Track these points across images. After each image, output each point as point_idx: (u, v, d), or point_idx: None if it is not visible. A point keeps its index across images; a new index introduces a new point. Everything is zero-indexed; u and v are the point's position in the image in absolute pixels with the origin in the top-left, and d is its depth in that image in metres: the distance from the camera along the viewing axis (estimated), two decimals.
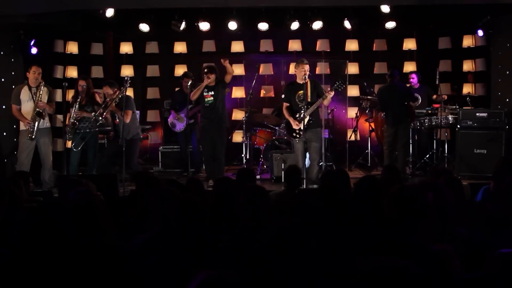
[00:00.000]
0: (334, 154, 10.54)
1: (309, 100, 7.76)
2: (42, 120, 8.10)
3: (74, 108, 8.20)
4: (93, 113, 8.11)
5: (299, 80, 7.95)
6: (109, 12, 9.53)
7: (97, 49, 11.43)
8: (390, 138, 8.93)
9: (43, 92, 8.14)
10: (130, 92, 11.38)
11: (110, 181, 6.55)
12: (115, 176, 6.90)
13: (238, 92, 11.49)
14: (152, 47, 11.67)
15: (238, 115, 11.53)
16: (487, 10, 9.75)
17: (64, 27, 9.64)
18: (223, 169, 8.64)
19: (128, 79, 7.84)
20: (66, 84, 7.93)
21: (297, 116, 7.89)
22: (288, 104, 8.08)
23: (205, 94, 8.54)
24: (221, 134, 8.56)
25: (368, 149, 10.56)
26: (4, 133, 9.19)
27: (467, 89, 11.00)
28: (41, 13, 8.57)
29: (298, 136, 7.91)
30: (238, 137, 11.35)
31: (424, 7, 10.32)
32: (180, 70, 11.59)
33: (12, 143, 9.29)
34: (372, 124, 10.62)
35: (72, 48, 10.94)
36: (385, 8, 9.76)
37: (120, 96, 8.06)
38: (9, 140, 9.26)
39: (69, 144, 8.57)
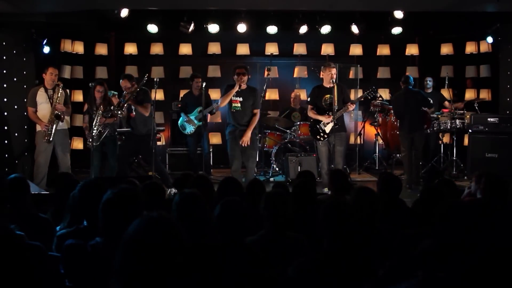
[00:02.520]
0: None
1: (335, 104, 7.75)
2: (60, 122, 7.95)
3: (96, 116, 7.98)
4: (114, 108, 7.94)
5: (326, 84, 7.95)
6: (124, 13, 9.41)
7: (101, 49, 11.29)
8: (406, 144, 8.95)
9: (60, 95, 7.99)
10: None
11: None
12: (151, 177, 6.79)
13: None
14: (157, 48, 11.56)
15: None
16: (492, 18, 10.00)
17: (83, 26, 9.51)
18: None
19: (157, 80, 7.81)
20: (93, 84, 7.80)
21: (330, 113, 7.88)
22: (312, 107, 8.09)
23: (232, 99, 7.88)
24: (254, 143, 8.01)
25: (376, 153, 10.68)
26: (16, 134, 8.99)
27: (469, 94, 11.24)
28: (60, 13, 8.44)
29: (322, 139, 7.93)
30: None
31: (427, 14, 10.51)
32: (185, 71, 11.54)
33: (23, 144, 9.12)
34: (378, 129, 10.75)
35: (78, 48, 10.78)
36: (399, 14, 9.88)
37: (137, 89, 7.99)
38: (20, 141, 9.08)
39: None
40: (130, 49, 11.48)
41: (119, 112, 7.78)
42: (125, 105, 7.88)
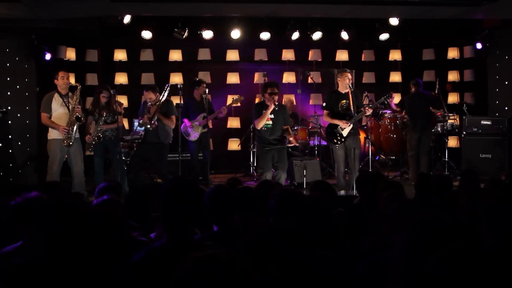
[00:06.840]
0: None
1: (351, 109, 7.97)
2: (77, 126, 7.77)
3: (99, 122, 7.91)
4: (144, 122, 7.92)
5: (342, 89, 8.16)
6: (127, 19, 9.33)
7: (92, 56, 11.09)
8: (414, 143, 9.39)
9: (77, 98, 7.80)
10: (124, 99, 11.20)
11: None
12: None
13: None
14: (147, 55, 11.46)
15: (234, 123, 11.63)
16: (473, 24, 10.55)
17: (87, 33, 9.38)
18: None
19: (181, 85, 7.85)
20: (115, 91, 7.71)
21: (348, 118, 8.06)
22: (328, 112, 8.26)
23: None
24: (285, 158, 8.05)
25: (369, 156, 10.96)
26: (19, 143, 8.76)
27: (452, 98, 11.72)
28: (69, 19, 8.32)
29: (339, 143, 8.12)
30: (234, 145, 11.44)
31: (409, 21, 10.91)
32: (175, 78, 11.48)
33: (26, 153, 8.89)
34: (368, 132, 11.03)
35: (71, 54, 10.56)
36: (394, 21, 10.21)
37: (162, 100, 7.98)
38: (23, 150, 8.86)
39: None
40: (120, 55, 11.33)
41: (149, 125, 7.79)
42: (154, 118, 7.87)
